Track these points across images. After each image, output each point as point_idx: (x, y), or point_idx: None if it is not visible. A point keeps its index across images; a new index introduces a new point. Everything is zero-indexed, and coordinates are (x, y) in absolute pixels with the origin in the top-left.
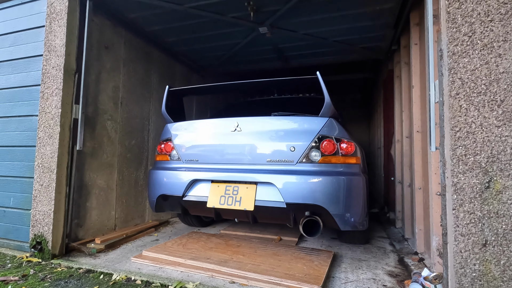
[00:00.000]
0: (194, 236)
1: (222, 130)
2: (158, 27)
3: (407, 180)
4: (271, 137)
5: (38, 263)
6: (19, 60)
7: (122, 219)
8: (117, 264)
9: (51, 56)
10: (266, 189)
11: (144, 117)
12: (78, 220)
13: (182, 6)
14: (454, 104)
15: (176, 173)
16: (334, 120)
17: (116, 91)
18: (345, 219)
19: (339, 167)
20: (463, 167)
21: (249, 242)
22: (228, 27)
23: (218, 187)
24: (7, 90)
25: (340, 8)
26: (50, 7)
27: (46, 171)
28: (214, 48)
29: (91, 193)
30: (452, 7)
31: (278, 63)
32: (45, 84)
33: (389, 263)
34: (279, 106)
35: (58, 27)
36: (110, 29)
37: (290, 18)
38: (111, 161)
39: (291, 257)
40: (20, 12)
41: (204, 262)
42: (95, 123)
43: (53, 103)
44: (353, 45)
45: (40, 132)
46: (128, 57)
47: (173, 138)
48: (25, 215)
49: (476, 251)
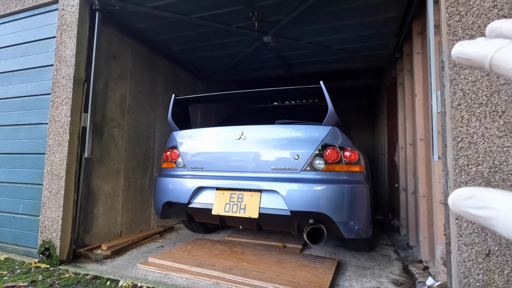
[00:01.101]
0: (199, 242)
1: (227, 138)
2: (165, 36)
3: (411, 187)
4: (275, 145)
5: (46, 269)
6: (30, 70)
7: (128, 225)
8: (123, 270)
9: (61, 66)
10: (270, 196)
11: (150, 125)
12: (85, 226)
13: (188, 16)
14: (456, 115)
15: (181, 180)
16: (337, 128)
17: (123, 99)
18: (349, 227)
19: (342, 175)
20: (465, 177)
21: (253, 249)
22: (233, 37)
23: (223, 194)
24: (18, 99)
25: (343, 17)
26: (61, 19)
27: (55, 178)
28: (219, 57)
29: (98, 200)
30: (453, 20)
31: (282, 71)
32: (55, 93)
33: (394, 271)
34: (283, 114)
35: (68, 38)
36: (118, 39)
37: (294, 27)
38: (118, 168)
39: (295, 264)
40: (31, 23)
41: (209, 269)
42: (103, 130)
43: (63, 111)
44: (357, 53)
45: (50, 140)
46: (135, 66)
47: (178, 145)
48: (34, 221)
49: (479, 260)
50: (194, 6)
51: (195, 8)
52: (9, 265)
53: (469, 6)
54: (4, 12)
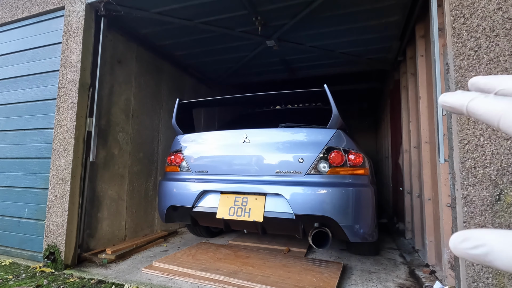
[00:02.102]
0: (203, 246)
1: (231, 141)
2: (169, 41)
3: (416, 190)
4: (279, 149)
5: (51, 273)
6: (36, 75)
7: (132, 229)
8: (128, 275)
9: (67, 71)
10: (275, 200)
11: (154, 129)
12: (89, 230)
13: (192, 21)
14: (462, 117)
15: (185, 184)
16: (342, 131)
17: (127, 104)
18: (354, 231)
19: (347, 178)
20: (472, 180)
21: (257, 253)
22: (236, 41)
23: (227, 198)
24: (24, 104)
25: (346, 21)
26: (67, 25)
27: (60, 182)
28: (222, 61)
29: (102, 204)
30: (457, 23)
31: (285, 74)
32: (61, 98)
33: (400, 276)
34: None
35: (74, 43)
36: (123, 44)
37: (297, 31)
38: (122, 172)
39: (301, 268)
40: (38, 29)
41: (214, 273)
42: (107, 135)
43: (68, 116)
44: (360, 57)
45: (55, 145)
46: (140, 71)
47: (183, 149)
48: (39, 225)
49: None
50: (198, 12)
51: (199, 13)
52: (14, 269)
53: (474, 9)
54: (11, 18)
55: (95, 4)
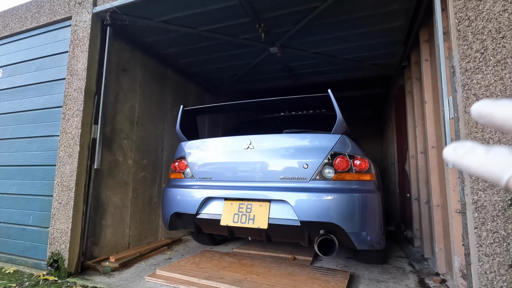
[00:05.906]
0: (207, 254)
1: (235, 148)
2: (173, 49)
3: (424, 196)
4: (283, 155)
5: (54, 282)
6: (43, 84)
7: (135, 237)
8: (131, 283)
9: (73, 79)
10: (279, 206)
11: (158, 136)
12: (93, 238)
13: (196, 29)
14: (470, 120)
15: (189, 191)
16: (346, 136)
17: (132, 111)
18: (361, 238)
19: (353, 184)
20: (483, 184)
21: (262, 261)
22: (240, 48)
23: (231, 205)
24: (31, 112)
25: (349, 27)
26: (73, 34)
27: (65, 190)
28: (226, 68)
29: (106, 211)
30: (462, 25)
31: (289, 81)
32: (67, 106)
33: (409, 285)
34: (291, 123)
35: (80, 52)
36: (128, 53)
37: (300, 38)
38: (126, 179)
39: (306, 277)
40: (46, 39)
41: (218, 282)
42: (112, 142)
43: (74, 123)
44: (363, 62)
45: (61, 152)
46: (144, 79)
47: (187, 156)
48: (43, 233)
49: (502, 272)
50: (202, 20)
51: (203, 21)
52: (18, 277)
53: (479, 11)
54: (20, 29)
55: (101, 13)
